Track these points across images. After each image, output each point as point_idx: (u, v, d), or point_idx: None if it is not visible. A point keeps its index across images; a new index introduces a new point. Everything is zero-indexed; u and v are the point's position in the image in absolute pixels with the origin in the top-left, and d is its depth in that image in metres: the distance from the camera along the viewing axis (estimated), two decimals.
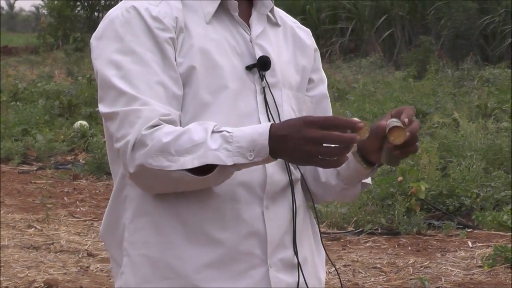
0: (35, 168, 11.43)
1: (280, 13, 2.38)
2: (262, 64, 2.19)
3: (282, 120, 2.17)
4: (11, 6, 60.72)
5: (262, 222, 2.16)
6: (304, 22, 28.54)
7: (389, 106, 14.52)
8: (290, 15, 2.47)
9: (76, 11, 31.93)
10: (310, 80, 2.37)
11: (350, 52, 27.18)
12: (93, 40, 2.17)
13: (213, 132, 1.98)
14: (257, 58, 2.19)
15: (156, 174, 2.01)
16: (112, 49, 2.12)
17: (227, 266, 2.14)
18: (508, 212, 8.09)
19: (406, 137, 2.07)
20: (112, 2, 31.55)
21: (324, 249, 2.40)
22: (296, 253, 2.22)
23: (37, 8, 46.71)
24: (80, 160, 11.61)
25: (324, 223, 8.21)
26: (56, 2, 31.43)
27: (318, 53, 2.43)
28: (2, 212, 8.86)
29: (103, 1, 32.10)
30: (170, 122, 2.05)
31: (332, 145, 1.91)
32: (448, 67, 21.25)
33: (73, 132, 12.86)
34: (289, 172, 2.22)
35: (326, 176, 2.32)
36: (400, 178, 8.45)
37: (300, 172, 2.27)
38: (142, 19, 2.13)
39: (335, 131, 1.90)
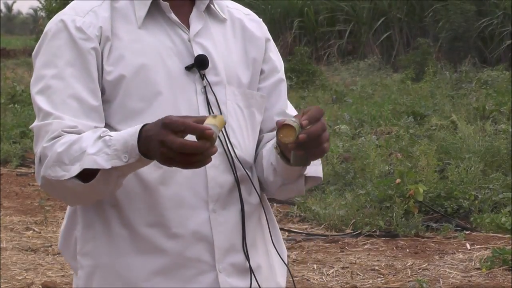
0: (33, 171, 11.41)
1: (229, 6, 2.34)
2: (200, 63, 2.17)
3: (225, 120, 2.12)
4: (9, 9, 60.78)
5: (209, 227, 2.14)
6: (302, 24, 28.64)
7: (387, 108, 14.56)
8: (288, 17, 2.45)
9: None
10: (262, 71, 2.33)
11: (348, 54, 27.20)
12: (33, 56, 2.23)
13: (99, 137, 1.99)
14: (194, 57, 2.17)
15: (56, 184, 2.05)
16: (40, 63, 2.18)
17: (175, 273, 2.14)
18: (507, 214, 8.09)
19: (294, 138, 1.97)
20: None
21: (280, 255, 2.33)
22: (247, 256, 2.20)
23: (35, 10, 46.75)
24: None
25: (322, 225, 8.22)
26: (54, 4, 31.42)
27: (270, 43, 2.38)
28: (0, 214, 8.86)
29: None
30: (76, 133, 2.06)
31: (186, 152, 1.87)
32: (446, 69, 21.27)
33: None
34: (235, 172, 2.19)
35: (266, 173, 2.26)
36: (398, 180, 8.45)
37: (246, 171, 2.22)
38: (67, 30, 2.15)
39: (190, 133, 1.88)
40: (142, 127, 1.93)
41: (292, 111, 2.36)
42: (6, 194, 9.91)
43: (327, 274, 6.81)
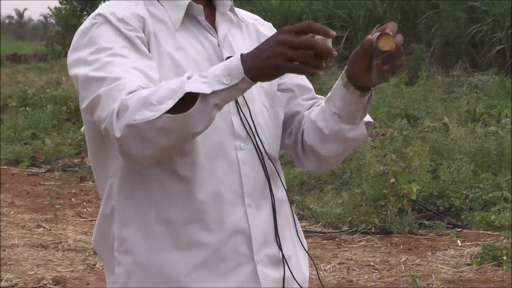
0: (43, 171, 11.43)
1: (241, 12, 2.35)
2: None
3: (254, 118, 2.17)
4: (20, 15, 60.68)
5: (246, 221, 2.15)
6: None
7: (382, 111, 14.54)
8: (287, 24, 2.46)
9: (83, 20, 31.94)
10: None
11: (345, 59, 27.05)
12: (69, 54, 2.16)
13: (188, 77, 1.92)
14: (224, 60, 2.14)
15: (142, 130, 1.90)
16: (87, 53, 2.09)
17: (215, 266, 2.13)
18: (496, 213, 8.10)
19: (393, 44, 2.02)
20: None
21: (305, 248, 2.38)
22: (280, 248, 2.21)
23: (45, 17, 46.69)
24: (87, 163, 11.59)
25: (320, 223, 8.22)
26: (63, 11, 31.43)
27: None
28: (12, 212, 8.87)
29: None
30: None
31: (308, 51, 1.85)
32: (439, 74, 21.23)
33: (79, 136, 12.85)
34: (265, 168, 2.20)
35: (328, 127, 2.26)
36: (392, 180, 8.46)
37: (274, 166, 2.24)
38: (109, 22, 2.10)
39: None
40: (242, 54, 1.91)
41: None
42: (18, 193, 9.92)
43: (324, 269, 6.81)
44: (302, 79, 2.39)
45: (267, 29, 2.39)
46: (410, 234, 7.88)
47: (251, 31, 2.35)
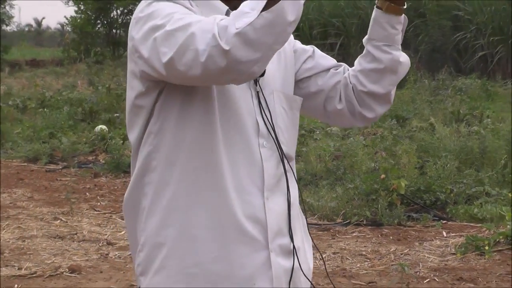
0: (60, 167, 11.43)
1: None
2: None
3: (274, 120, 2.19)
4: (39, 24, 60.68)
5: (263, 212, 2.16)
6: (298, 37, 28.45)
7: None
8: None
9: (97, 28, 31.93)
10: (296, 58, 2.40)
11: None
12: (133, 29, 2.12)
13: None
14: None
15: (247, 34, 1.91)
16: (157, 20, 2.05)
17: (234, 247, 2.13)
18: (479, 206, 8.10)
19: None
20: (128, 20, 31.56)
21: (312, 239, 2.39)
22: (292, 239, 2.22)
23: (62, 25, 46.71)
24: (100, 160, 11.60)
25: (316, 215, 8.22)
26: (78, 20, 31.43)
27: (295, 42, 2.44)
28: (31, 206, 8.87)
29: (120, 20, 32.10)
30: None
31: None
32: (425, 78, 21.23)
33: (94, 135, 12.87)
34: (284, 166, 2.22)
35: (382, 61, 2.35)
36: (382, 176, 8.46)
37: (290, 165, 2.25)
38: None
39: None
40: None
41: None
42: (36, 188, 9.92)
43: (320, 258, 6.81)
44: (325, 60, 2.46)
45: (289, 40, 2.38)
46: (399, 226, 7.88)
47: None
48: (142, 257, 2.20)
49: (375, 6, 2.34)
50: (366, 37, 2.39)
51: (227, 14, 2.15)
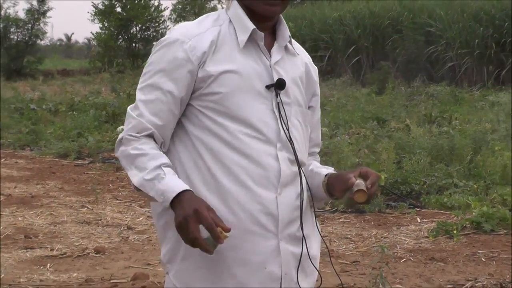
0: (87, 162, 11.44)
1: (299, 48, 2.36)
2: (280, 85, 2.17)
3: (290, 130, 2.20)
4: (68, 38, 60.74)
5: (275, 205, 2.14)
6: None
7: (357, 115, 14.55)
8: None
9: (118, 42, 31.92)
10: (310, 107, 2.36)
11: (327, 74, 27.13)
12: (150, 59, 2.23)
13: (159, 167, 2.07)
14: (274, 80, 2.17)
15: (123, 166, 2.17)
16: (151, 61, 2.19)
17: (248, 236, 2.13)
18: (448, 196, 8.11)
19: (365, 199, 2.13)
20: (146, 36, 31.56)
21: (319, 230, 2.38)
22: (302, 229, 2.21)
23: (88, 40, 46.72)
24: None
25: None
26: (103, 35, 31.43)
27: (318, 85, 2.41)
28: (61, 195, 8.88)
29: (138, 35, 32.09)
30: (149, 135, 2.15)
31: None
32: (402, 85, 21.24)
33: (116, 135, 12.86)
34: (299, 165, 2.20)
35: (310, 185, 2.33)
36: None
37: (301, 169, 2.24)
38: (173, 49, 2.15)
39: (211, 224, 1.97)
40: (183, 191, 2.02)
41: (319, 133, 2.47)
42: (66, 180, 9.93)
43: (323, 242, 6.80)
44: (314, 136, 2.44)
45: (313, 71, 2.39)
46: (379, 213, 7.88)
47: (303, 64, 2.33)
48: (168, 248, 2.21)
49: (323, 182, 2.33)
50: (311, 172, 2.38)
51: (253, 32, 2.18)
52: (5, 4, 31.44)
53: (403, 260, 6.16)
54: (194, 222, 1.96)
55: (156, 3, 32.12)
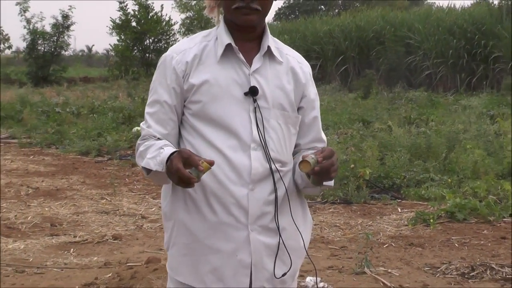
0: (106, 159, 11.43)
1: (288, 54, 2.29)
2: (252, 92, 2.14)
3: (266, 131, 2.16)
4: (89, 49, 60.74)
5: (246, 200, 2.12)
6: None
7: (345, 117, 14.56)
8: None
9: (134, 53, 31.87)
10: (301, 107, 2.30)
11: (318, 80, 27.14)
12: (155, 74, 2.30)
13: (160, 147, 2.10)
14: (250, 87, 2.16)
15: (139, 164, 2.19)
16: (153, 82, 2.26)
17: (221, 227, 2.12)
18: (425, 189, 8.11)
19: (309, 169, 2.04)
20: (158, 47, 31.53)
21: (300, 224, 2.29)
22: (277, 222, 2.16)
23: (107, 51, 46.57)
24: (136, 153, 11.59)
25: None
26: (120, 47, 31.37)
27: (311, 86, 2.33)
28: (83, 188, 8.87)
29: (151, 46, 32.04)
30: (153, 138, 2.20)
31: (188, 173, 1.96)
32: (384, 91, 21.29)
33: (131, 135, 12.87)
34: (270, 165, 2.15)
35: (296, 177, 2.26)
36: (352, 166, 8.46)
37: (275, 165, 2.19)
38: (163, 65, 2.22)
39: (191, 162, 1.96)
40: (176, 151, 2.03)
41: (323, 135, 2.38)
42: (88, 175, 9.92)
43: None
44: (309, 132, 2.35)
45: (303, 75, 2.29)
46: (364, 204, 7.88)
47: (289, 71, 2.26)
48: (166, 237, 2.25)
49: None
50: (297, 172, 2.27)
51: (227, 47, 2.17)
52: (33, 19, 31.21)
53: (386, 245, 6.16)
54: (177, 159, 1.96)
55: (167, 18, 32.04)
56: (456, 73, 24.02)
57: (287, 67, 2.25)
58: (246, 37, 2.19)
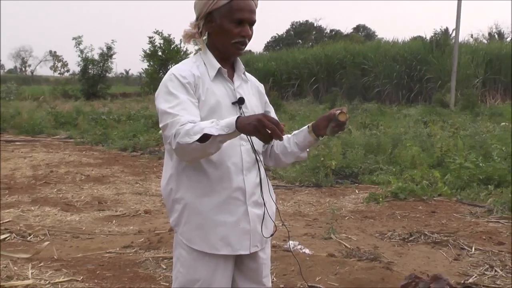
0: (139, 154, 11.40)
1: (250, 76, 2.29)
2: (240, 101, 2.13)
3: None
4: (127, 72, 60.63)
5: (243, 183, 2.11)
6: (273, 81, 28.52)
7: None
8: (266, 77, 2.39)
9: (159, 75, 31.76)
10: (266, 111, 2.30)
11: (297, 96, 27.14)
12: (156, 93, 2.12)
13: (212, 122, 1.89)
14: (237, 98, 2.13)
15: (184, 147, 1.89)
16: (165, 93, 2.05)
17: (225, 205, 2.09)
18: (376, 176, 8.12)
19: (346, 117, 2.08)
20: None
21: (273, 198, 2.29)
22: (262, 198, 2.17)
23: (140, 73, 46.39)
24: (162, 149, 11.56)
25: (284, 181, 8.21)
26: (149, 70, 31.25)
27: (266, 98, 2.33)
28: (122, 175, 8.84)
29: None
30: (194, 123, 1.98)
31: (268, 131, 1.79)
32: (346, 103, 21.26)
33: (158, 135, 12.83)
34: (255, 155, 2.15)
35: (290, 148, 2.27)
36: (322, 159, 8.46)
37: (259, 155, 2.18)
38: (177, 79, 2.07)
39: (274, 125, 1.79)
40: (238, 117, 1.86)
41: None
42: (126, 166, 9.89)
43: (286, 205, 6.81)
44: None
45: (262, 91, 2.31)
46: (331, 187, 7.88)
47: (253, 87, 2.27)
48: (174, 217, 2.16)
49: (308, 131, 2.21)
50: (293, 136, 2.26)
51: (219, 71, 2.13)
52: (85, 50, 31.11)
53: (347, 218, 6.17)
54: (265, 119, 1.79)
55: (184, 49, 31.94)
56: (399, 90, 24.15)
57: (252, 85, 2.27)
58: (226, 62, 2.17)
